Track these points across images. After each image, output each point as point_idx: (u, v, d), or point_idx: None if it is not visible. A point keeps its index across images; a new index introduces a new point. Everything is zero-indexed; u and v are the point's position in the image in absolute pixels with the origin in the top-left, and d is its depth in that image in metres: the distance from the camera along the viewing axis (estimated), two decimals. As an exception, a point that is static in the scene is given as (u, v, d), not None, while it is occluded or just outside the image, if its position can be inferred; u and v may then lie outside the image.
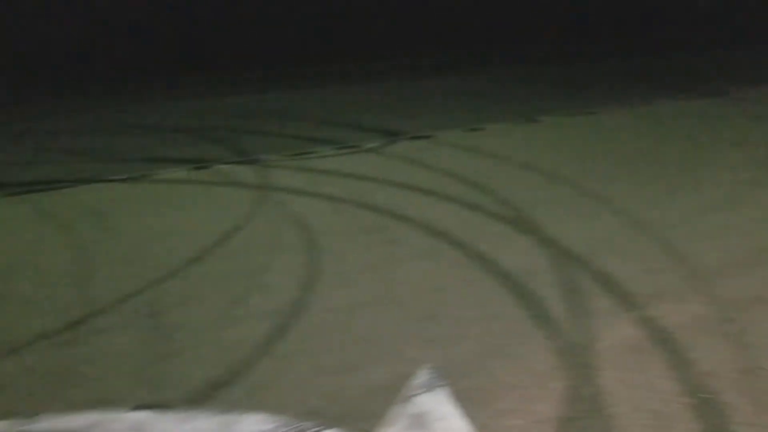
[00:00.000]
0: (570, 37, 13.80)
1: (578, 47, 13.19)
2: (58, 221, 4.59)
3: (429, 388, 2.58)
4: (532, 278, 3.58)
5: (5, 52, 10.43)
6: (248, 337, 3.05)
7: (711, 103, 8.05)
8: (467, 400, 2.51)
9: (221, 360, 2.87)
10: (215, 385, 2.68)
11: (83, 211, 4.82)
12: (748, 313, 3.15)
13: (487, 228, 4.36)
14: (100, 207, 4.88)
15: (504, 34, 13.64)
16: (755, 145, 6.08)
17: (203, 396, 2.62)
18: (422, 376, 2.67)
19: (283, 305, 3.33)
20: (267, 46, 12.19)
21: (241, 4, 12.16)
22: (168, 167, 5.90)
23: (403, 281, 3.62)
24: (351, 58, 12.30)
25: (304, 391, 2.64)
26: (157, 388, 2.69)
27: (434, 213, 4.63)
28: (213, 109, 8.84)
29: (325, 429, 2.37)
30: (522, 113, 7.72)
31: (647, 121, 7.32)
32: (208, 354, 2.94)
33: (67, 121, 8.27)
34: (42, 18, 10.78)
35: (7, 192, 5.26)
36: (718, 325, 3.08)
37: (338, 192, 5.13)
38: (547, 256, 3.88)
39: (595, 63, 11.76)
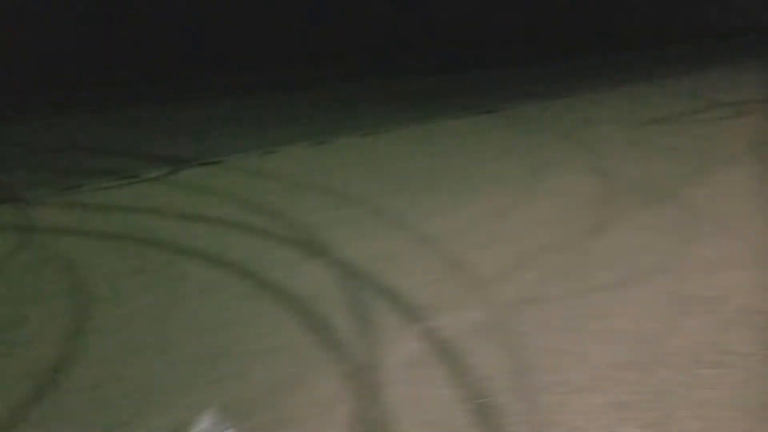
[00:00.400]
0: (343, 60, 14.21)
1: (357, 69, 13.62)
2: None
3: (213, 432, 2.44)
4: (320, 302, 3.56)
5: None
6: (5, 399, 2.69)
7: (482, 119, 8.68)
8: (256, 438, 2.40)
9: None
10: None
11: None
12: (520, 314, 3.38)
13: (277, 254, 4.28)
14: None
15: (291, 57, 13.72)
16: (521, 156, 6.63)
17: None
18: (205, 420, 2.51)
19: (45, 360, 2.99)
20: (30, 70, 11.14)
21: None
22: None
23: (186, 320, 3.42)
24: (132, 80, 11.65)
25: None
26: None
27: (222, 243, 4.46)
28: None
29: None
30: (310, 135, 7.76)
31: (425, 139, 7.70)
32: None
33: None
34: None
35: None
36: (493, 329, 3.26)
37: (114, 228, 4.77)
38: (335, 277, 3.89)
39: (369, 85, 12.16)
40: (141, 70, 11.99)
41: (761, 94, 9.57)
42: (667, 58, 13.27)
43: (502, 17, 16.36)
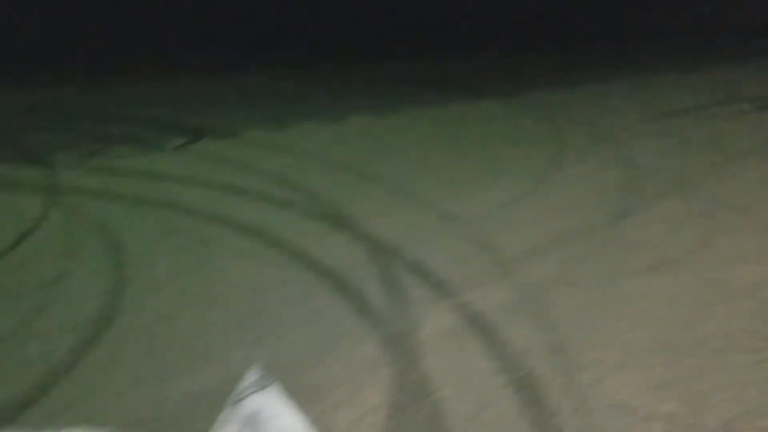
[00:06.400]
0: (363, 41, 14.17)
1: (377, 50, 13.59)
2: None
3: (259, 387, 2.48)
4: (351, 273, 3.60)
5: None
6: (54, 350, 2.74)
7: (499, 104, 8.68)
8: (298, 397, 2.45)
9: (26, 376, 2.54)
10: (23, 403, 2.36)
11: None
12: (551, 295, 3.41)
13: (302, 226, 4.31)
14: None
15: (311, 36, 13.68)
16: (541, 142, 6.64)
17: (11, 414, 2.30)
18: (251, 376, 2.55)
19: (91, 314, 3.03)
20: (61, 39, 11.12)
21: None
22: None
23: (221, 282, 3.46)
24: (152, 53, 11.62)
25: (125, 402, 2.42)
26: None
27: (247, 212, 4.49)
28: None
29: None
30: (329, 114, 7.77)
31: (445, 121, 7.71)
32: (9, 371, 2.59)
33: None
34: None
35: None
36: (525, 307, 3.30)
37: (141, 193, 4.80)
38: (364, 250, 3.92)
39: (389, 66, 12.15)
40: (166, 42, 11.97)
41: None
42: (689, 51, 13.22)
43: (523, 2, 16.30)
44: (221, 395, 2.43)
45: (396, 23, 14.95)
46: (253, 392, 2.45)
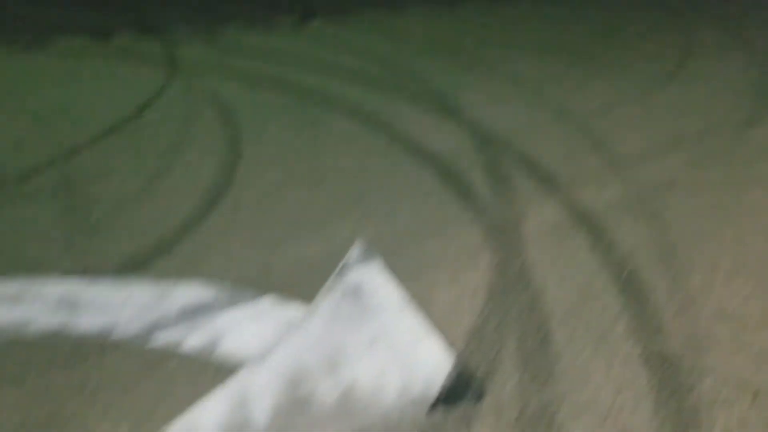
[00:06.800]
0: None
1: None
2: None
3: (363, 261, 2.55)
4: (457, 160, 3.56)
5: None
6: (174, 211, 2.91)
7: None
8: (400, 274, 2.50)
9: (148, 233, 2.73)
10: (145, 257, 2.56)
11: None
12: (664, 196, 3.26)
13: (409, 111, 4.27)
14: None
15: None
16: (670, 36, 6.18)
17: (135, 265, 2.50)
18: (355, 250, 2.63)
19: (207, 182, 3.18)
20: None
21: None
22: (66, 36, 5.39)
23: (328, 162, 3.52)
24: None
25: (238, 263, 2.56)
26: (83, 258, 2.54)
27: (355, 95, 4.48)
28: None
29: (261, 299, 2.31)
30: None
31: (566, 15, 7.29)
32: (135, 226, 2.79)
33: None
34: None
35: None
36: (637, 207, 3.18)
37: (255, 70, 4.87)
38: (470, 139, 3.86)
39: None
40: None
41: None
42: None
43: None
44: (326, 265, 2.52)
45: None
46: (357, 265, 2.52)
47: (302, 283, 2.42)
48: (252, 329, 2.20)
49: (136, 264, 2.52)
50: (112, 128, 3.73)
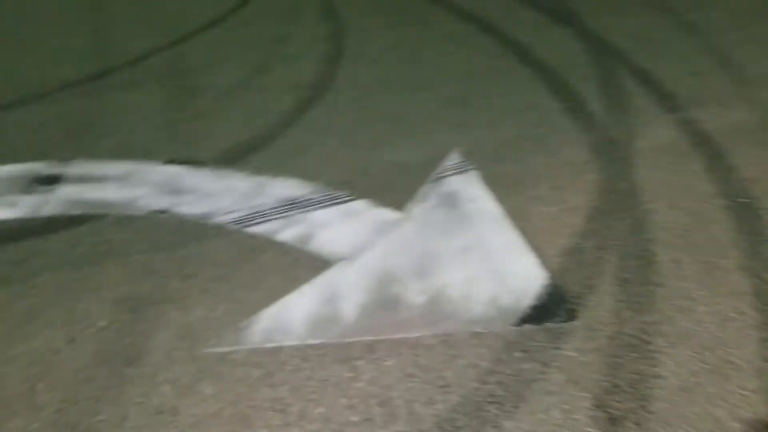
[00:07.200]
0: None
1: None
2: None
3: (460, 169, 2.48)
4: (568, 71, 3.36)
5: None
6: (275, 105, 2.92)
7: None
8: (497, 185, 2.42)
9: (250, 125, 2.77)
10: (246, 148, 2.60)
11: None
12: (795, 123, 2.98)
13: (521, 15, 4.04)
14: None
15: None
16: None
17: (234, 157, 2.54)
18: (453, 157, 2.56)
19: (308, 78, 3.15)
20: None
21: None
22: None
23: (430, 64, 3.40)
24: None
25: (335, 162, 2.55)
26: (187, 145, 2.61)
27: (465, -3, 4.27)
28: None
29: (356, 200, 2.30)
30: None
31: None
32: (235, 118, 2.83)
33: None
34: None
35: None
36: (760, 133, 2.92)
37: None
38: (585, 49, 3.62)
39: None
40: None
41: None
42: None
43: None
44: (423, 170, 2.47)
45: None
46: (454, 173, 2.46)
47: (396, 188, 2.39)
48: (345, 228, 2.20)
49: (235, 156, 2.56)
50: (216, 19, 3.74)
